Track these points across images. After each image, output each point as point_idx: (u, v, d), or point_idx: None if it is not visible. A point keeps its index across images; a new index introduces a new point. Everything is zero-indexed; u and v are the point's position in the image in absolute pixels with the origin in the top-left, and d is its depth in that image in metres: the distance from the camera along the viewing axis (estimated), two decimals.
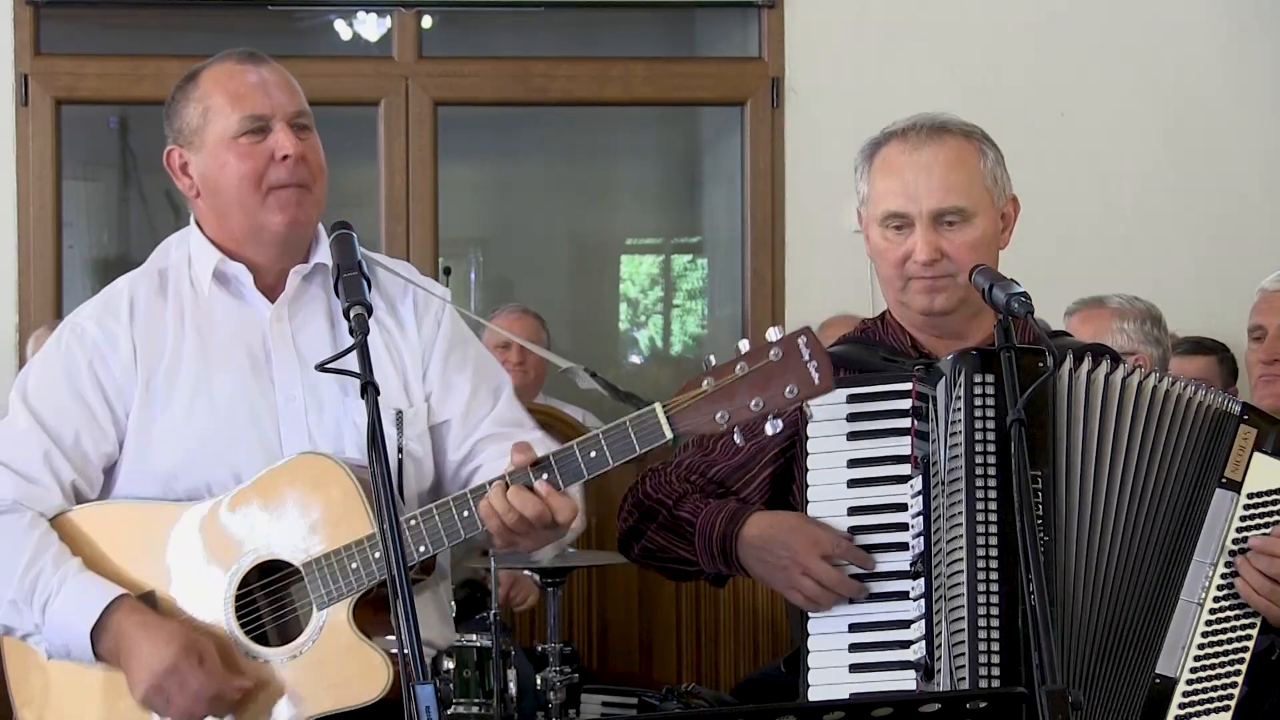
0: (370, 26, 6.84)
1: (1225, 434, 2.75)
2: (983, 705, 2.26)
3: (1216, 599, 2.71)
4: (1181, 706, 2.68)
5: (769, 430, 2.51)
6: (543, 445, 2.67)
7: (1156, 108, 6.34)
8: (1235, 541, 2.72)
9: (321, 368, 2.49)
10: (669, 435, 2.52)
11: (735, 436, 2.54)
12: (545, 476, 2.57)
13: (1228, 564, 2.71)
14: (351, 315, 2.49)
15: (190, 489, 2.77)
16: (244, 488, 2.73)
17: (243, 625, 2.71)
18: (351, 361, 2.43)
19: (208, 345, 2.82)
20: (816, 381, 2.47)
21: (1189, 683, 2.68)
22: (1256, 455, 2.74)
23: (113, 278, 2.92)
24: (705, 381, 2.49)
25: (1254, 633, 2.71)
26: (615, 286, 8.49)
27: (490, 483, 2.59)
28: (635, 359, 8.56)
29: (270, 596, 2.72)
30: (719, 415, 2.48)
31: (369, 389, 2.38)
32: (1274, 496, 2.74)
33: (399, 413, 2.81)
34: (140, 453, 2.80)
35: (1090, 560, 2.67)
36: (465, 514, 2.61)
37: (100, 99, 6.46)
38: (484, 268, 8.24)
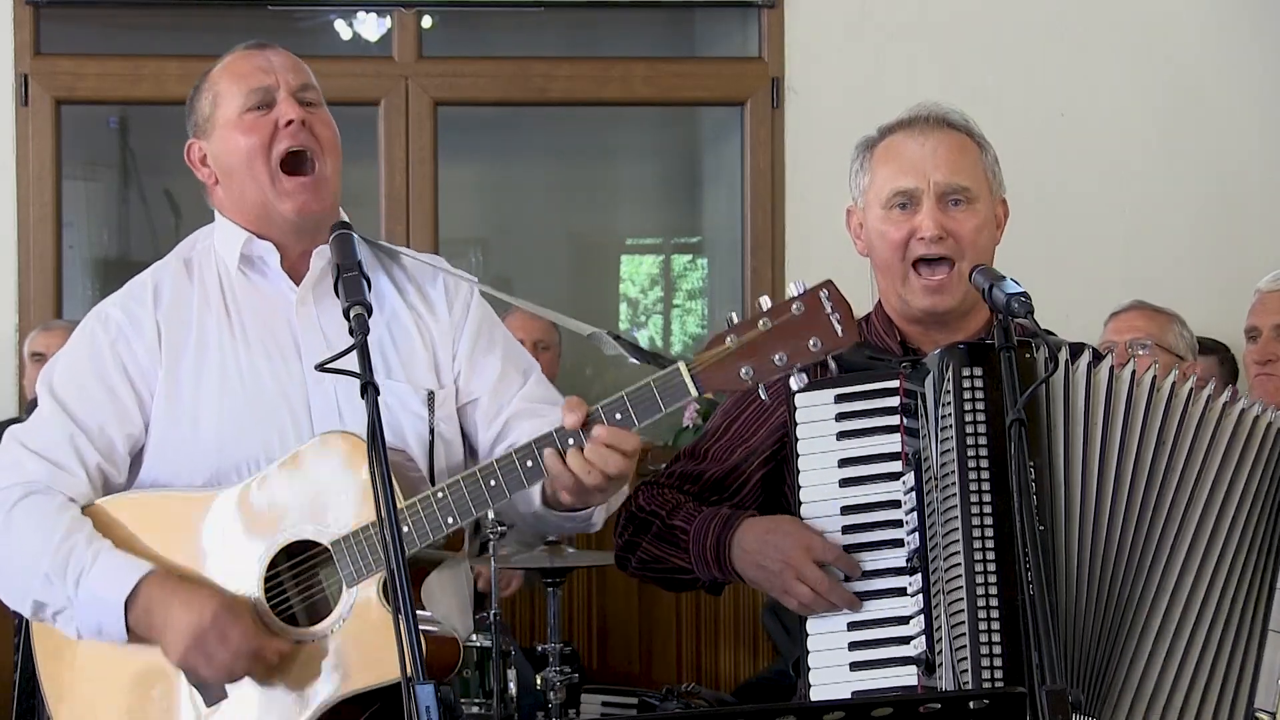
0: (370, 26, 6.84)
1: None
2: (985, 704, 2.26)
3: None
4: None
5: (794, 385, 2.51)
6: None
7: (1156, 108, 6.34)
8: None
9: (321, 368, 2.49)
10: (694, 393, 2.51)
11: (726, 435, 2.52)
12: (571, 442, 2.56)
13: None
14: (351, 315, 2.49)
15: (220, 469, 2.76)
16: (272, 469, 2.72)
17: (272, 608, 2.70)
18: (352, 361, 2.43)
19: (235, 326, 2.82)
20: (840, 333, 2.47)
21: None
22: None
23: (113, 277, 2.92)
24: (729, 339, 2.49)
25: None
26: (615, 286, 8.47)
27: (537, 447, 2.58)
28: (635, 359, 8.54)
29: (297, 578, 2.71)
30: (744, 371, 2.48)
31: (369, 389, 2.38)
32: None
33: (430, 393, 2.83)
34: (168, 434, 2.80)
35: (1094, 551, 2.64)
36: (493, 483, 2.60)
37: (100, 99, 6.43)
38: (484, 268, 8.22)
